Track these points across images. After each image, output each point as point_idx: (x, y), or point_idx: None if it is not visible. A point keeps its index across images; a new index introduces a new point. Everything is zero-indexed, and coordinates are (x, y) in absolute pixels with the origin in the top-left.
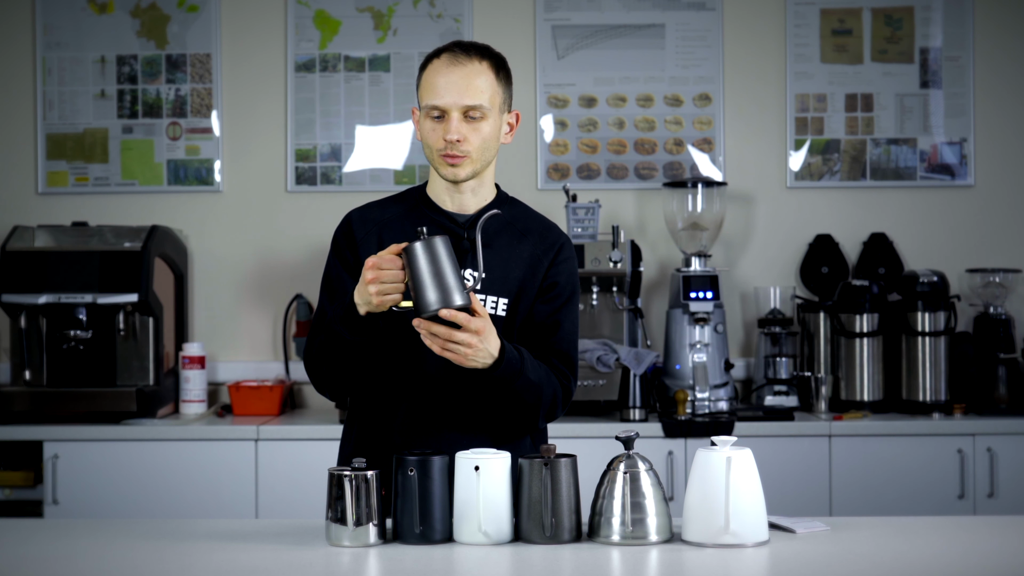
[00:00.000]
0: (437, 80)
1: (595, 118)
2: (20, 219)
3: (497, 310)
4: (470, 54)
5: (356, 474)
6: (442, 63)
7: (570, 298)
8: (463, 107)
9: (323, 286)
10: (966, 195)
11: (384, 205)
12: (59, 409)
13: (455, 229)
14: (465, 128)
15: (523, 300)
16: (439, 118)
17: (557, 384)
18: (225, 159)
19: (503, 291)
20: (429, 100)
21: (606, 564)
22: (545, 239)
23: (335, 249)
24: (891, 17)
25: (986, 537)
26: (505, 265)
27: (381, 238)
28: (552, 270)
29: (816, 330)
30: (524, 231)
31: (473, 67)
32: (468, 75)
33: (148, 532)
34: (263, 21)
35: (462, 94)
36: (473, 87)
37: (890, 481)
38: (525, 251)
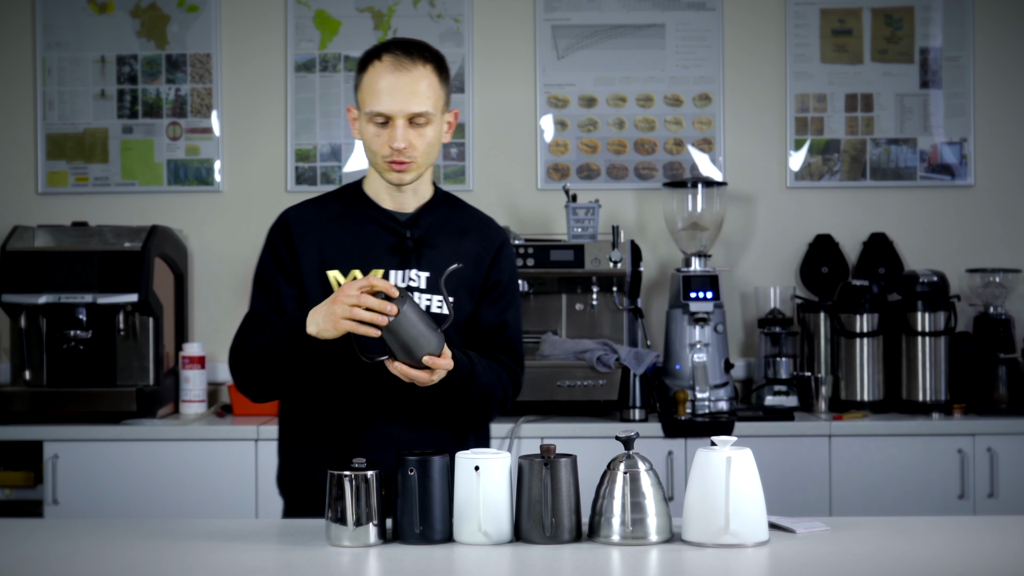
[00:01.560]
0: (380, 85)
1: (595, 118)
2: (20, 219)
3: (443, 308)
4: (414, 58)
5: (356, 474)
6: (385, 67)
7: (513, 295)
8: (409, 115)
9: (255, 285)
10: (966, 195)
11: (322, 203)
12: (59, 409)
13: (396, 228)
14: (411, 135)
15: (467, 298)
16: (383, 124)
17: (508, 381)
18: (225, 159)
19: (447, 289)
20: (373, 106)
21: (606, 564)
22: (486, 236)
23: (270, 248)
24: (891, 17)
25: (986, 537)
26: (447, 264)
27: (321, 239)
28: (494, 268)
29: (816, 330)
30: (464, 228)
31: (418, 72)
32: (413, 81)
33: (148, 532)
34: (263, 21)
35: (408, 101)
36: (418, 94)
37: (890, 481)
38: (466, 249)
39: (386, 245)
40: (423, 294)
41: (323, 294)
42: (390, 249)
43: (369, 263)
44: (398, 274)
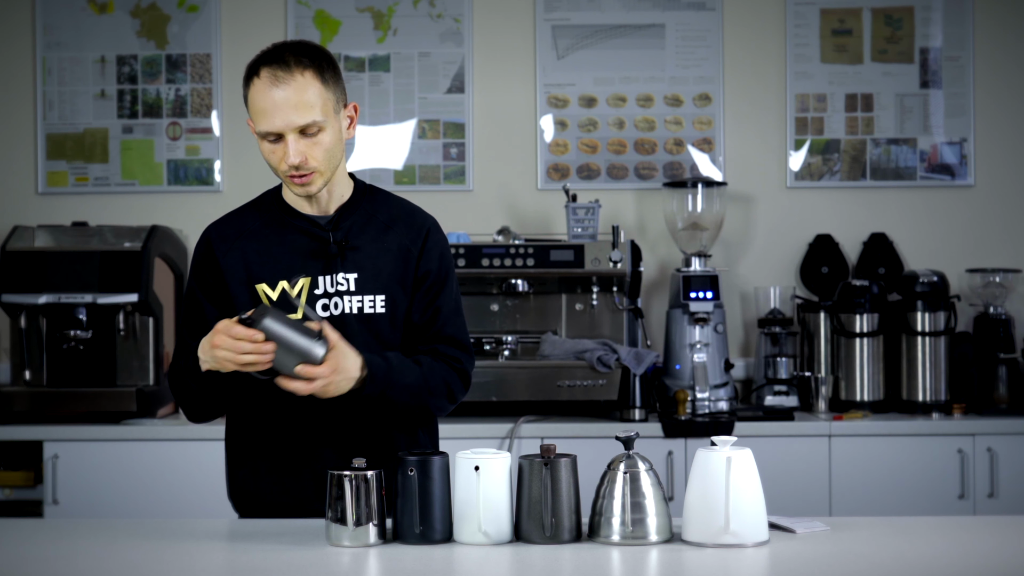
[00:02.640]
0: (263, 103)
1: (595, 118)
2: (20, 219)
3: (376, 308)
4: (291, 68)
5: (356, 474)
6: (264, 83)
7: (444, 282)
8: (297, 128)
9: (183, 307)
10: (966, 195)
11: (242, 216)
12: (59, 409)
13: (317, 232)
14: (304, 146)
15: (399, 293)
16: (276, 140)
17: (446, 371)
18: (225, 159)
19: (377, 288)
20: (261, 126)
21: (606, 564)
22: (411, 228)
23: (194, 271)
24: (891, 17)
25: (986, 537)
26: (375, 262)
27: (244, 253)
28: (423, 259)
29: (816, 330)
30: (388, 222)
31: (297, 82)
32: (295, 92)
33: (148, 532)
34: (263, 21)
35: (292, 115)
36: (303, 105)
37: (890, 481)
38: (392, 243)
39: (309, 251)
40: (354, 296)
41: (253, 307)
42: (314, 255)
43: (295, 272)
44: (326, 279)
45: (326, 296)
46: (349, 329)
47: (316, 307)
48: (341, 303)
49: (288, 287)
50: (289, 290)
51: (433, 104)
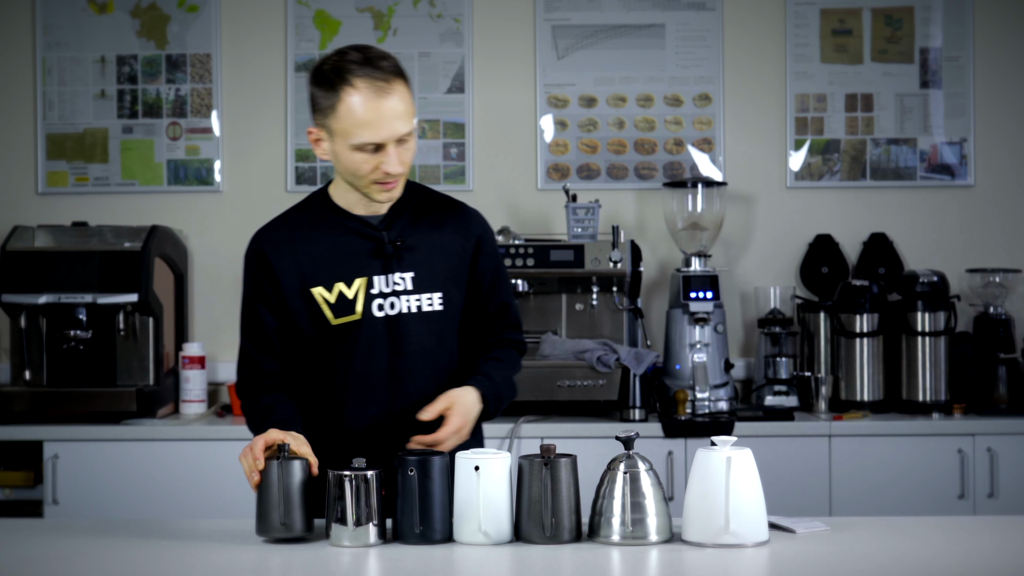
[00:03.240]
0: (368, 115)
1: (595, 118)
2: (20, 219)
3: (434, 305)
4: (388, 78)
5: (356, 474)
6: (366, 94)
7: (503, 275)
8: (399, 136)
9: (242, 318)
10: (966, 195)
11: (291, 220)
12: (59, 409)
13: (371, 233)
14: (400, 152)
15: (455, 290)
16: (374, 151)
17: (517, 357)
18: (225, 159)
19: (434, 286)
20: (362, 137)
21: (606, 564)
22: (464, 227)
23: (250, 281)
24: (891, 17)
25: (986, 537)
26: (430, 260)
27: (298, 258)
28: (481, 257)
29: (816, 330)
30: (440, 221)
31: (398, 92)
32: (398, 102)
33: (148, 532)
34: (263, 21)
35: (398, 125)
36: (405, 114)
37: (890, 481)
38: (446, 240)
39: (365, 252)
40: (411, 295)
41: (309, 313)
42: (370, 255)
43: (350, 273)
44: (382, 279)
45: (381, 296)
46: (405, 328)
47: (372, 308)
48: (398, 303)
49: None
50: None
51: (433, 104)
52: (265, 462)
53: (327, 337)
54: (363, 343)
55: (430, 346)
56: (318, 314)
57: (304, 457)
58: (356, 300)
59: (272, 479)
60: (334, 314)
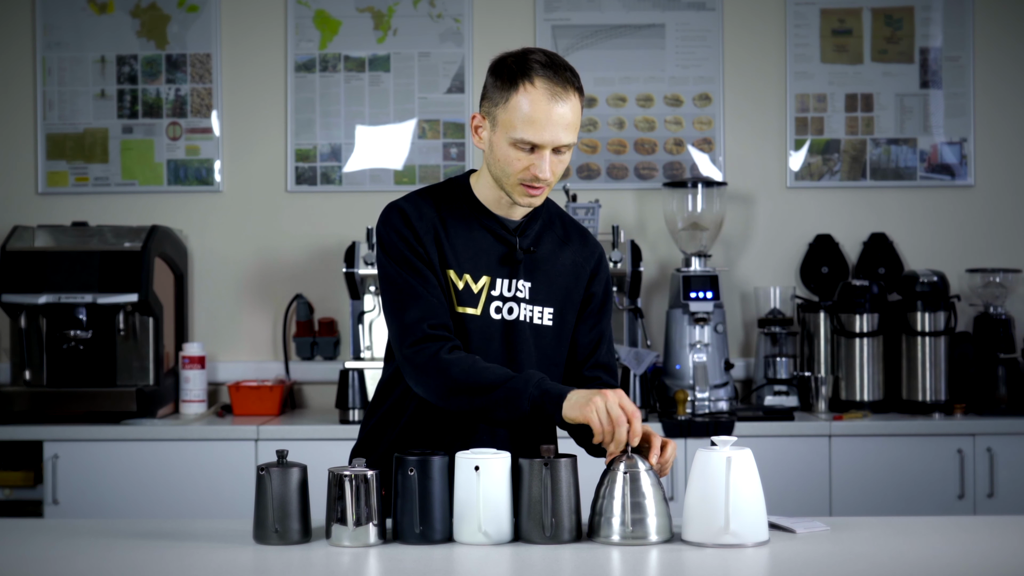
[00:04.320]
0: (537, 114)
1: (595, 118)
2: (20, 219)
3: (544, 319)
4: (567, 87)
5: (356, 474)
6: (541, 94)
7: (607, 308)
8: (560, 145)
9: (401, 293)
10: (966, 195)
11: (432, 199)
12: (59, 409)
13: (506, 236)
14: (553, 162)
15: (569, 308)
16: (529, 150)
17: None
18: (225, 159)
19: (549, 300)
20: (523, 134)
21: (606, 564)
22: (584, 248)
23: (402, 242)
24: (891, 17)
25: (986, 537)
26: (549, 274)
27: (437, 235)
28: (593, 282)
29: (816, 330)
30: (564, 238)
31: (572, 103)
32: (569, 112)
33: (148, 532)
34: (263, 21)
35: (560, 134)
36: (571, 126)
37: (890, 481)
38: (567, 259)
39: (497, 253)
40: (524, 304)
41: (444, 290)
42: (500, 258)
43: (479, 269)
44: (505, 283)
45: (501, 300)
46: (520, 336)
47: (491, 309)
48: (516, 309)
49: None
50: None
51: (433, 104)
52: (262, 469)
53: (454, 322)
54: (480, 339)
55: (537, 358)
56: (448, 295)
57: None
58: (479, 296)
59: (268, 486)
60: (458, 301)
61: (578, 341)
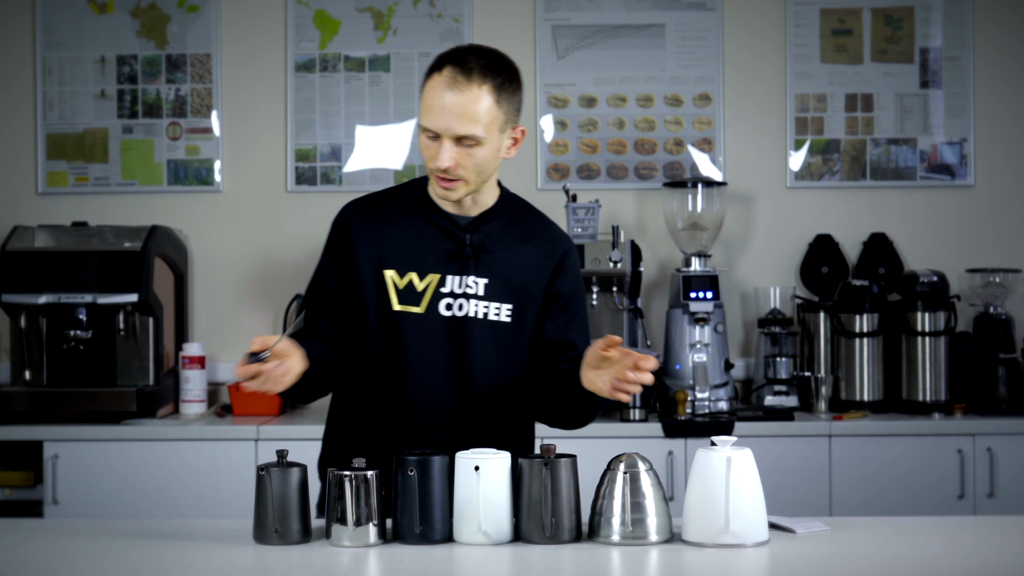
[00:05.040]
0: (433, 100)
1: (595, 118)
2: (20, 219)
3: (501, 316)
4: (471, 76)
5: (356, 474)
6: (442, 82)
7: (576, 310)
8: (455, 135)
9: (309, 284)
10: (966, 195)
11: (385, 199)
12: (59, 409)
13: (455, 232)
14: (457, 153)
15: (528, 305)
16: (434, 138)
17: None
18: (225, 159)
19: (507, 297)
20: (423, 120)
21: (606, 564)
22: (549, 244)
23: (328, 245)
24: (891, 17)
25: (986, 537)
26: (507, 271)
27: (380, 237)
28: (557, 280)
29: (816, 330)
30: (527, 235)
31: (471, 94)
32: (465, 103)
33: (148, 532)
34: (263, 21)
35: (455, 123)
36: (468, 116)
37: (890, 481)
38: (529, 255)
39: (444, 250)
40: (480, 301)
41: (376, 293)
42: (448, 255)
43: (426, 267)
44: (455, 279)
45: (451, 296)
46: (470, 333)
47: (440, 305)
48: (466, 305)
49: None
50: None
51: None
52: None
53: (386, 322)
54: (421, 338)
55: (492, 356)
56: (384, 296)
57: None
58: (424, 294)
59: (268, 486)
60: (398, 300)
61: (547, 341)
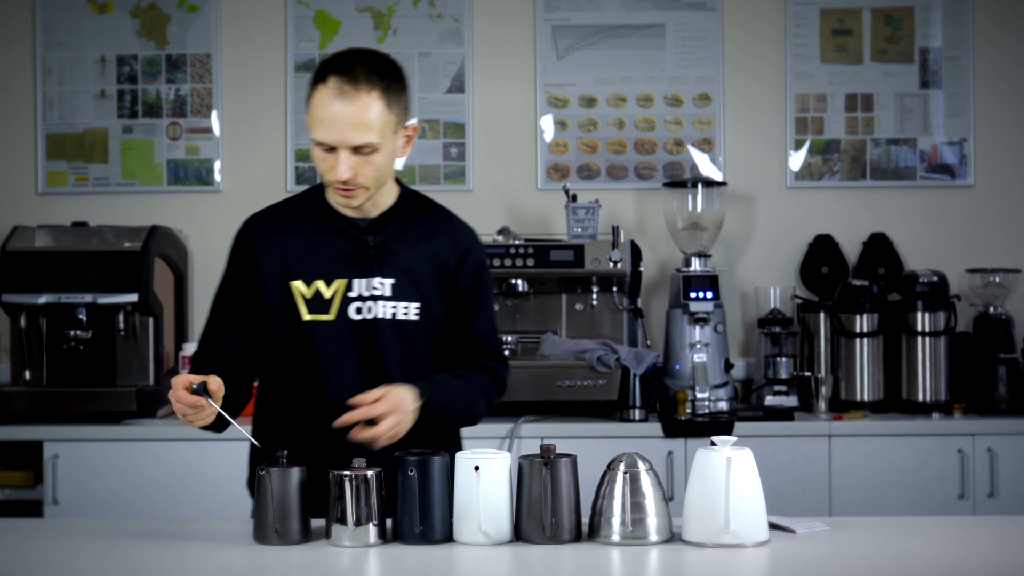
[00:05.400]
0: (323, 113)
1: (595, 118)
2: (20, 219)
3: (409, 315)
4: (359, 85)
5: (356, 474)
6: (329, 94)
7: (482, 300)
8: (351, 146)
9: (215, 297)
10: (966, 195)
11: (283, 210)
12: (59, 409)
13: (356, 235)
14: (356, 162)
15: (435, 302)
16: (329, 150)
17: (487, 381)
18: (225, 159)
19: (413, 295)
20: (316, 134)
21: (606, 564)
22: (451, 240)
23: (231, 262)
24: (891, 17)
25: (986, 537)
26: (412, 269)
27: (283, 249)
28: (461, 275)
29: (816, 330)
30: (429, 231)
31: (361, 102)
32: (356, 112)
33: (148, 532)
34: (263, 21)
35: (350, 134)
36: (361, 125)
37: (890, 481)
38: (432, 252)
39: (347, 253)
40: (388, 301)
41: (284, 305)
42: (351, 257)
43: (331, 272)
44: (361, 282)
45: (360, 299)
46: (381, 335)
47: (349, 310)
48: (375, 307)
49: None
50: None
51: (433, 104)
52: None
53: (297, 334)
54: (334, 344)
55: (403, 355)
56: (292, 308)
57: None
58: (332, 301)
59: (268, 486)
60: (308, 310)
61: (451, 334)
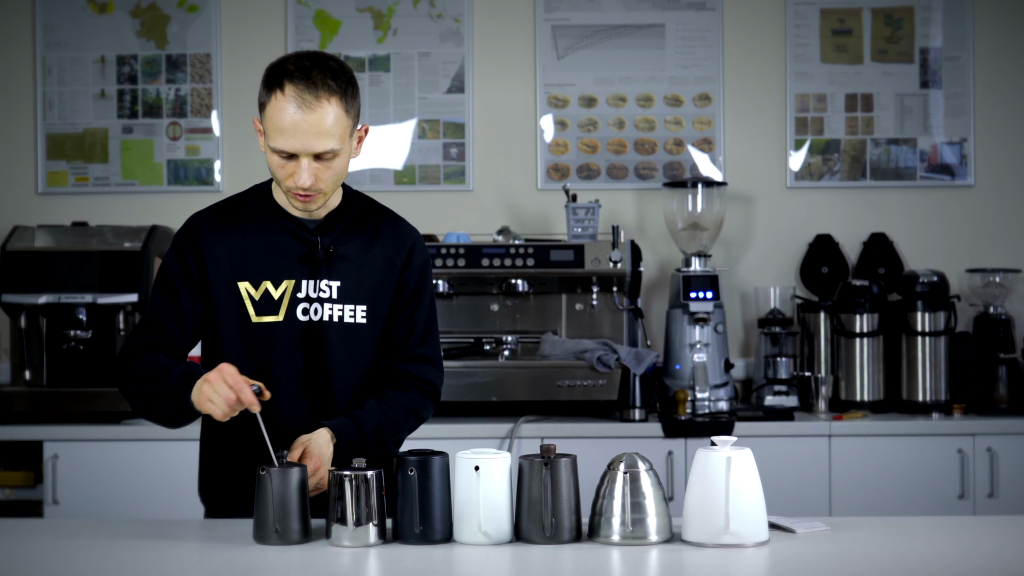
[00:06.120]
0: (283, 122)
1: (595, 118)
2: (20, 219)
3: (356, 318)
4: (317, 92)
5: (356, 474)
6: (288, 102)
7: (422, 297)
8: (314, 154)
9: (157, 288)
10: (966, 195)
11: (229, 209)
12: (59, 409)
13: (306, 236)
14: (316, 169)
15: (381, 305)
16: (288, 158)
17: (415, 401)
18: (225, 159)
19: (360, 298)
20: (275, 143)
21: (606, 564)
22: (396, 240)
23: (176, 256)
24: (891, 17)
25: (986, 537)
26: (359, 272)
27: (230, 248)
28: (405, 272)
29: (816, 330)
30: (375, 233)
31: (322, 109)
32: (317, 120)
33: (148, 532)
34: (263, 21)
35: (312, 142)
36: (323, 133)
37: (890, 481)
38: (378, 254)
39: (296, 255)
40: (335, 304)
41: (232, 306)
42: (300, 259)
43: (280, 274)
44: (309, 284)
45: (307, 301)
46: (326, 337)
47: (296, 312)
48: (321, 310)
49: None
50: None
51: (433, 104)
52: (262, 469)
53: (246, 335)
54: (282, 346)
55: (350, 358)
56: (241, 309)
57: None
58: (281, 302)
59: (268, 486)
60: (256, 311)
61: (394, 330)
